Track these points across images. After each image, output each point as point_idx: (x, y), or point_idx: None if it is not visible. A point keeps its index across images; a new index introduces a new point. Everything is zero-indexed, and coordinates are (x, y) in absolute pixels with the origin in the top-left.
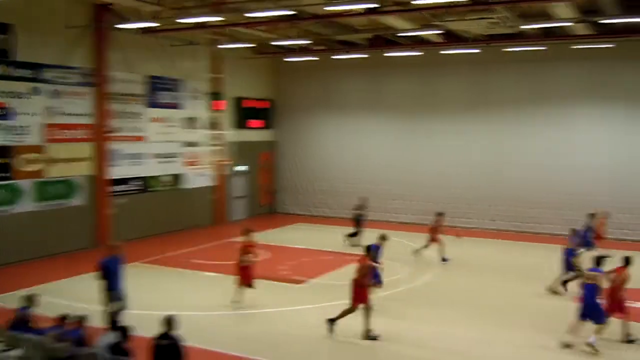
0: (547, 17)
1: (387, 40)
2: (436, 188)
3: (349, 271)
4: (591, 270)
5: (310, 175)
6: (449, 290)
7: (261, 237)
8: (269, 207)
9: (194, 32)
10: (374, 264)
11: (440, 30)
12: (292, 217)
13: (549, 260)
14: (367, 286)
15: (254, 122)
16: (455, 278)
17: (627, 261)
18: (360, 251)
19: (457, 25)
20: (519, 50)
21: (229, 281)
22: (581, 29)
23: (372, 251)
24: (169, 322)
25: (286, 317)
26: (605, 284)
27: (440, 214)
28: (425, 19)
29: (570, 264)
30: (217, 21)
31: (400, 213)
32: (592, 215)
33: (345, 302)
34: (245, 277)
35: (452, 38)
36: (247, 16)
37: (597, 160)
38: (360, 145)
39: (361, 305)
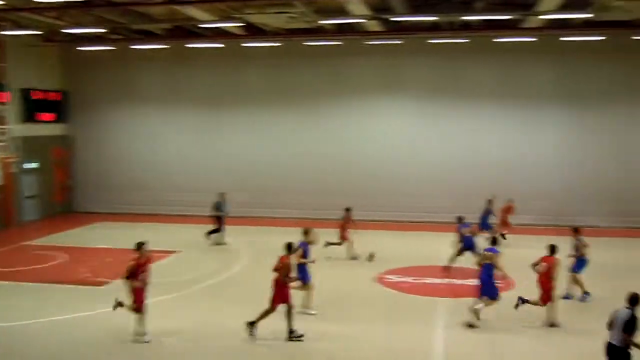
0: (343, 14)
1: (189, 31)
2: (246, 179)
3: (159, 268)
4: (487, 250)
5: (110, 170)
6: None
7: (57, 238)
8: (65, 206)
9: None
10: (304, 260)
11: (240, 22)
12: (92, 215)
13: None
14: (288, 285)
15: (44, 115)
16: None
17: (553, 250)
18: (219, 249)
19: (258, 19)
20: (318, 45)
21: (27, 289)
22: (373, 25)
23: (300, 248)
24: None
25: (84, 323)
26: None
27: (348, 209)
28: (225, 11)
29: (470, 245)
30: None
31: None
32: (490, 201)
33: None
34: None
35: (253, 31)
36: (34, 0)
37: (391, 149)
38: (164, 139)
39: (282, 305)
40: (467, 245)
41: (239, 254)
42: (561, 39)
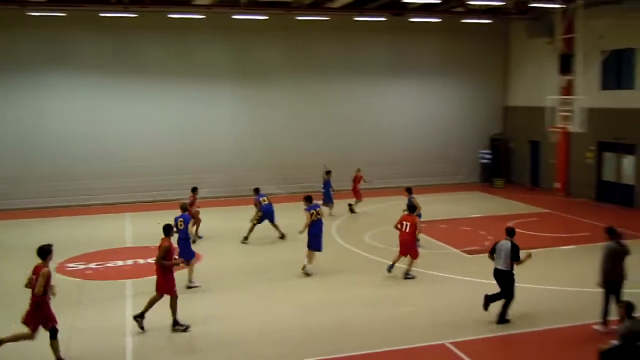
0: None
1: None
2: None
3: None
4: (309, 209)
5: None
6: None
7: None
8: None
9: None
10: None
11: None
12: None
13: None
14: (169, 270)
15: None
16: None
17: (411, 209)
18: None
19: None
20: None
21: None
22: None
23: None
24: None
25: None
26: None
27: (194, 189)
28: None
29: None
30: None
31: None
32: (328, 173)
33: None
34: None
35: None
36: None
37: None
38: None
39: (165, 294)
40: (266, 214)
41: None
42: (233, 17)
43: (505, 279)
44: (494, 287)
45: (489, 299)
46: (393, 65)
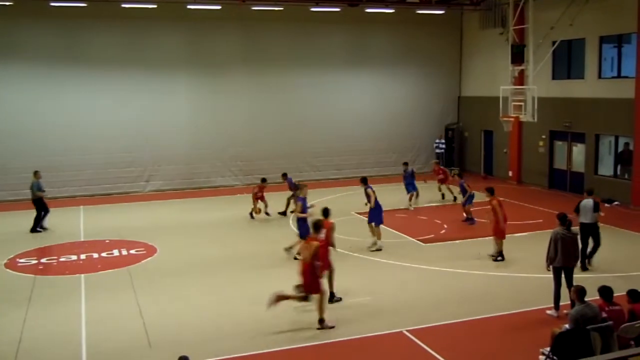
0: None
1: None
2: None
3: None
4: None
5: None
6: None
7: None
8: None
9: None
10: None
11: None
12: None
13: None
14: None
15: None
16: None
17: (325, 213)
18: None
19: None
20: None
21: None
22: None
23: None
24: None
25: None
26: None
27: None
28: None
29: None
30: None
31: None
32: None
33: None
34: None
35: None
36: None
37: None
38: None
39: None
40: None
41: None
42: (189, 7)
43: (593, 230)
44: (450, 275)
45: (588, 256)
46: (349, 55)
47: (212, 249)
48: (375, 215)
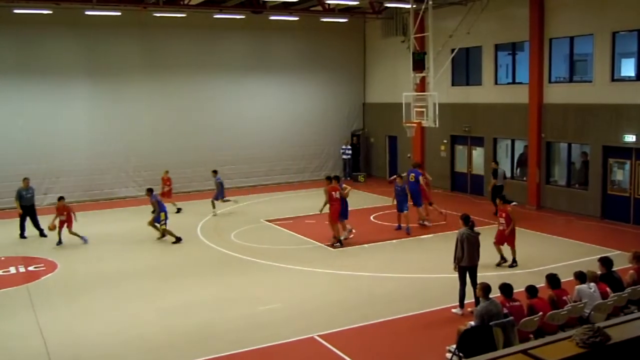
0: None
1: None
2: None
3: None
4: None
5: None
6: None
7: None
8: None
9: None
10: None
11: None
12: None
13: None
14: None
15: None
16: None
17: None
18: None
19: None
20: None
21: None
22: None
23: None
24: None
25: None
26: None
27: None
28: None
29: None
30: None
31: None
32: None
33: None
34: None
35: None
36: None
37: None
38: None
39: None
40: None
41: None
42: (87, 12)
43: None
44: (359, 278)
45: None
46: (255, 62)
47: (115, 261)
48: (343, 211)
